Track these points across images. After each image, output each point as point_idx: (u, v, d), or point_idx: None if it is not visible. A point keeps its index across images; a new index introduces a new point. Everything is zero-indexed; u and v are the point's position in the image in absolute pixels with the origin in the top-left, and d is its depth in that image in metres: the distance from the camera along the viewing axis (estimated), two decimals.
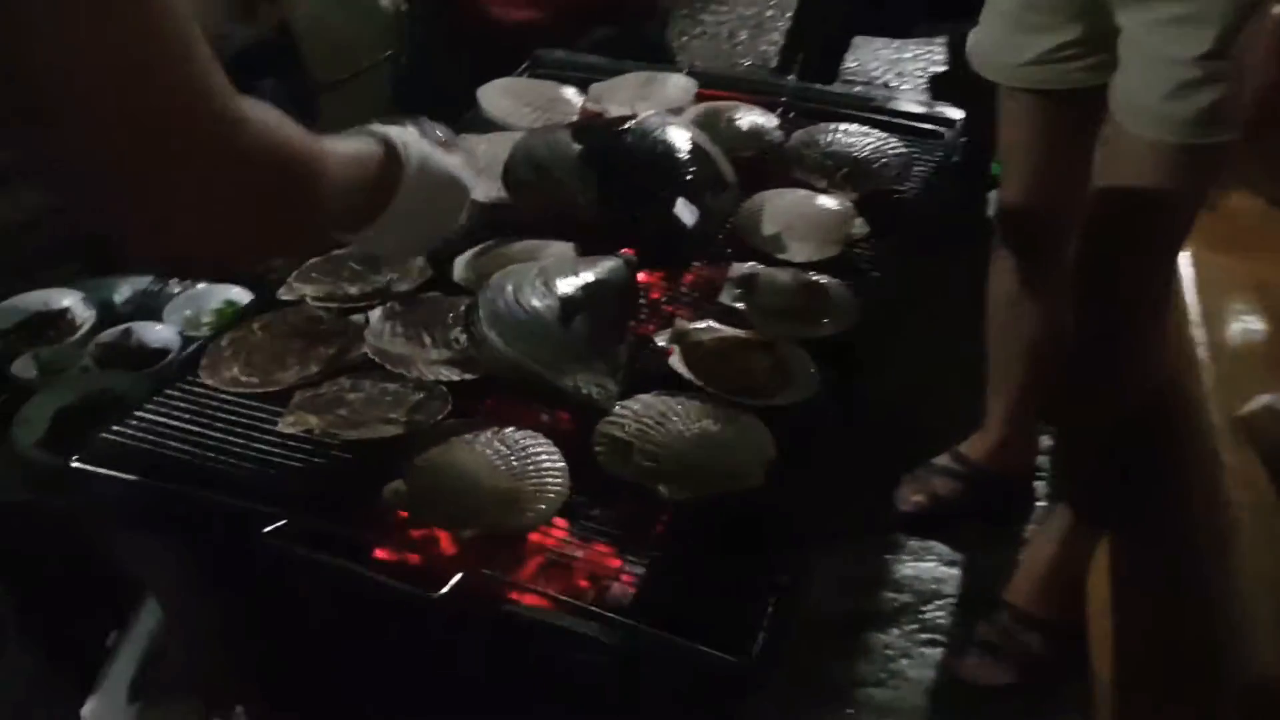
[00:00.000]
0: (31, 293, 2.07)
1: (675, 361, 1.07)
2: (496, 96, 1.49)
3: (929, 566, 2.07)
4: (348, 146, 0.86)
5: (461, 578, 0.85)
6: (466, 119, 1.49)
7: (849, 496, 1.92)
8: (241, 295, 2.09)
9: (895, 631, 1.96)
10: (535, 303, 1.03)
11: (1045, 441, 2.22)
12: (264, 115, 0.68)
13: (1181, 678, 1.54)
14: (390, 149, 0.90)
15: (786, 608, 0.87)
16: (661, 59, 2.40)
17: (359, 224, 0.88)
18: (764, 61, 3.79)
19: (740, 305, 1.18)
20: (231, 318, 2.00)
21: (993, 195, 2.63)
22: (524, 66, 1.65)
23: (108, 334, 1.95)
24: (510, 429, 1.00)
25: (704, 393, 1.04)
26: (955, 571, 2.06)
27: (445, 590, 0.83)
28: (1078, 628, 1.81)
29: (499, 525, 0.93)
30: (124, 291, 2.18)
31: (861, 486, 2.02)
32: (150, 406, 1.04)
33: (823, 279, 1.22)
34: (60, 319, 2.03)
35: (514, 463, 0.96)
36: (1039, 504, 2.18)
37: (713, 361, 1.08)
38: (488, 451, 0.97)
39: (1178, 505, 1.66)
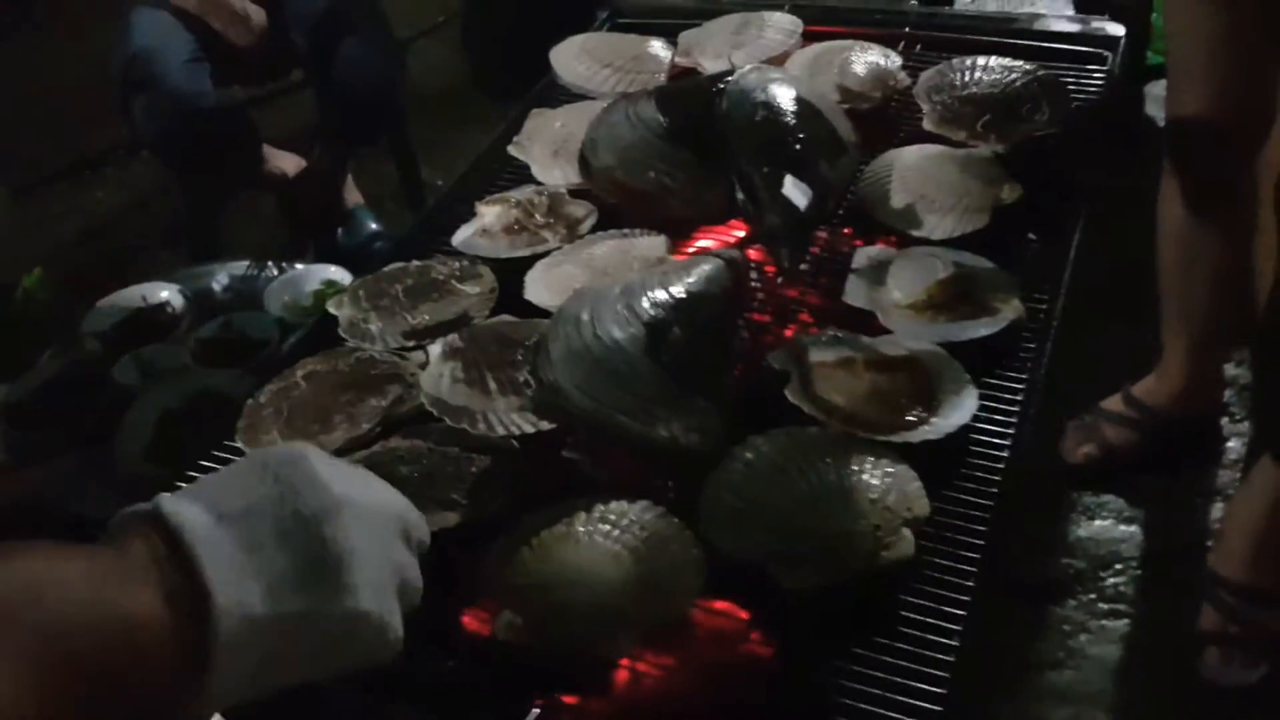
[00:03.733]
0: (129, 288, 2.05)
1: (793, 391, 0.88)
2: (571, 60, 1.32)
3: (1104, 526, 1.88)
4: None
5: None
6: (538, 90, 1.32)
7: None
8: (341, 274, 2.03)
9: (1071, 603, 1.78)
10: (617, 333, 0.85)
11: (1232, 371, 1.99)
12: None
13: None
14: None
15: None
16: None
17: None
18: None
19: (868, 304, 0.98)
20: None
21: (1150, 89, 2.38)
22: (604, 18, 1.46)
23: (207, 328, 1.92)
24: (612, 502, 0.83)
25: (832, 431, 0.86)
26: (1134, 530, 1.88)
27: None
28: None
29: (651, 620, 0.77)
30: (222, 279, 2.14)
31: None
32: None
33: (971, 261, 1.02)
34: (159, 314, 2.00)
35: (632, 541, 0.80)
36: (1228, 447, 1.96)
37: (841, 386, 0.89)
38: (597, 538, 0.80)
39: None
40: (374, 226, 2.49)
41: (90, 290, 2.07)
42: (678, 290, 0.90)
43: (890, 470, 0.83)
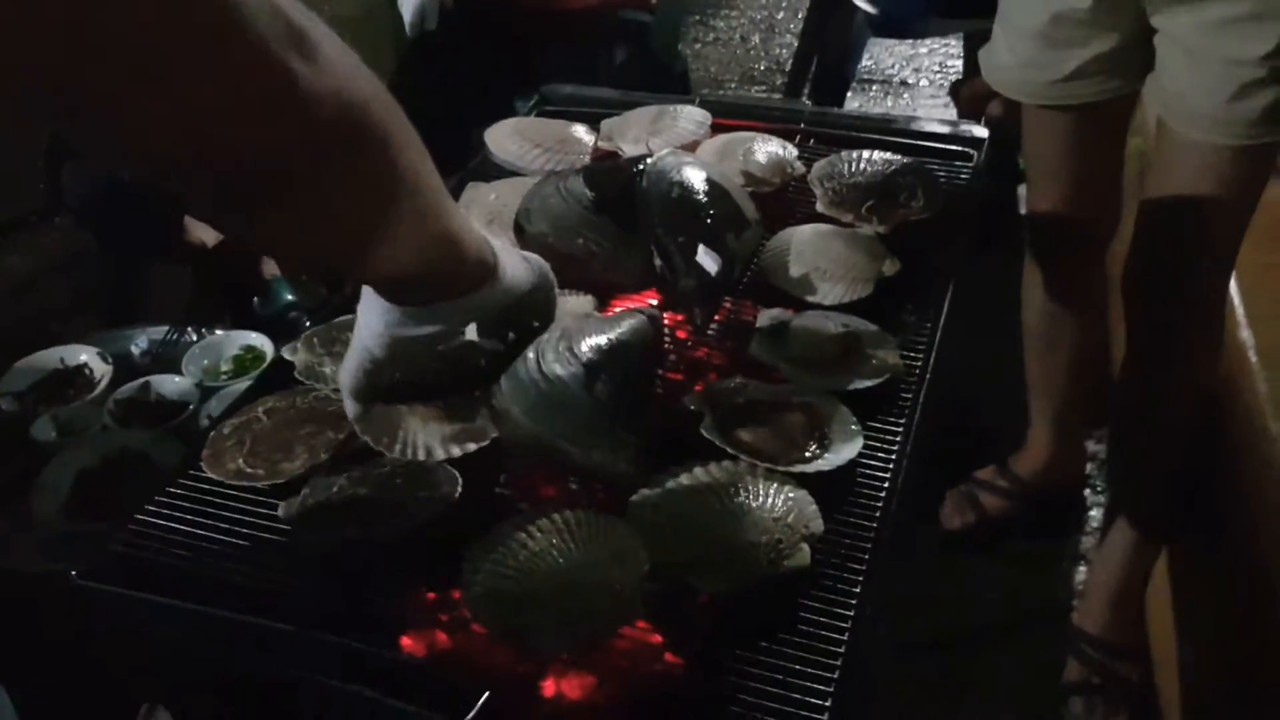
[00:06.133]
0: (48, 350, 2.05)
1: (707, 428, 1.00)
2: (504, 139, 1.43)
3: (977, 586, 2.01)
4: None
5: (489, 697, 0.79)
6: (473, 166, 1.44)
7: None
8: (262, 340, 2.07)
9: (948, 661, 1.90)
10: (559, 370, 0.96)
11: (1093, 447, 2.16)
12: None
13: (1248, 696, 1.48)
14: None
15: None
16: (674, 72, 2.36)
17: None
18: (778, 65, 3.73)
19: (770, 358, 1.11)
20: (251, 365, 1.99)
21: (1022, 190, 2.60)
22: (532, 104, 1.59)
23: (125, 389, 1.92)
24: (560, 512, 0.93)
25: (740, 462, 0.97)
26: (1005, 590, 2.00)
27: (472, 715, 0.77)
28: (1146, 648, 1.76)
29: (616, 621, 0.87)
30: (141, 343, 2.16)
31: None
32: (151, 507, 0.99)
33: (858, 323, 1.15)
34: (78, 375, 2.01)
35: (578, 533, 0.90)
36: (1090, 514, 2.12)
37: (747, 424, 1.02)
38: (549, 537, 0.90)
39: (1234, 516, 1.61)
40: (289, 297, 2.53)
41: (6, 352, 2.07)
42: (609, 338, 1.01)
43: (791, 495, 0.94)
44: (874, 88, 3.58)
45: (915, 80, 3.61)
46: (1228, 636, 1.58)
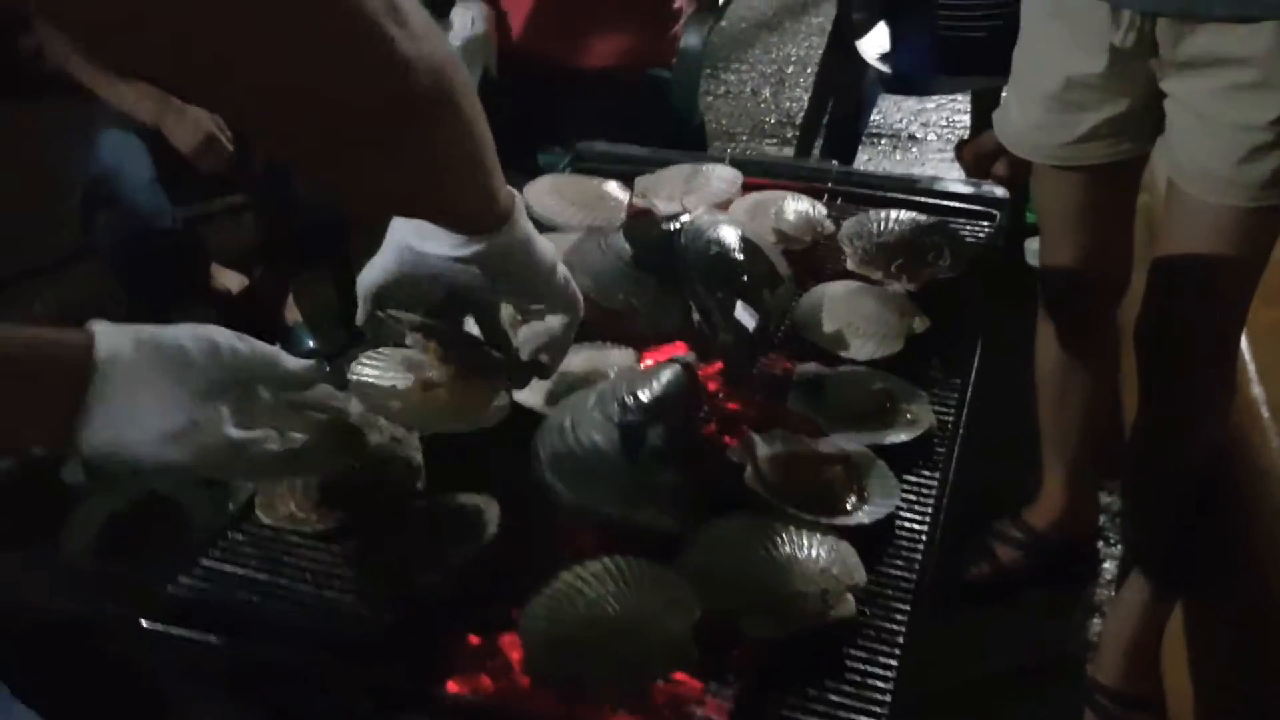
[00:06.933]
0: None
1: (750, 479, 1.03)
2: (543, 195, 1.47)
3: (993, 637, 2.02)
4: None
5: None
6: None
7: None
8: None
9: (965, 712, 1.91)
10: (596, 437, 1.00)
11: (1105, 499, 2.19)
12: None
13: None
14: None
15: None
16: (692, 125, 2.41)
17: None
18: (788, 118, 3.80)
19: (808, 411, 1.14)
20: None
21: (1029, 243, 2.64)
22: (566, 161, 1.64)
23: None
24: (611, 558, 0.95)
25: (783, 513, 1.01)
26: (1021, 640, 2.02)
27: None
28: (1162, 700, 1.77)
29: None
30: None
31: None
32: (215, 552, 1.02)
33: (891, 379, 1.19)
34: None
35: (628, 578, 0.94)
36: (1104, 565, 2.14)
37: (788, 476, 1.05)
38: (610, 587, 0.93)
39: (1248, 569, 1.63)
40: (311, 344, 2.58)
41: None
42: (644, 393, 1.04)
43: (834, 546, 0.97)
44: (883, 141, 3.64)
45: (923, 135, 3.68)
46: (1242, 689, 1.59)
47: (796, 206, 1.44)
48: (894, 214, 1.42)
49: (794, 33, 4.52)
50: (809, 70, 3.60)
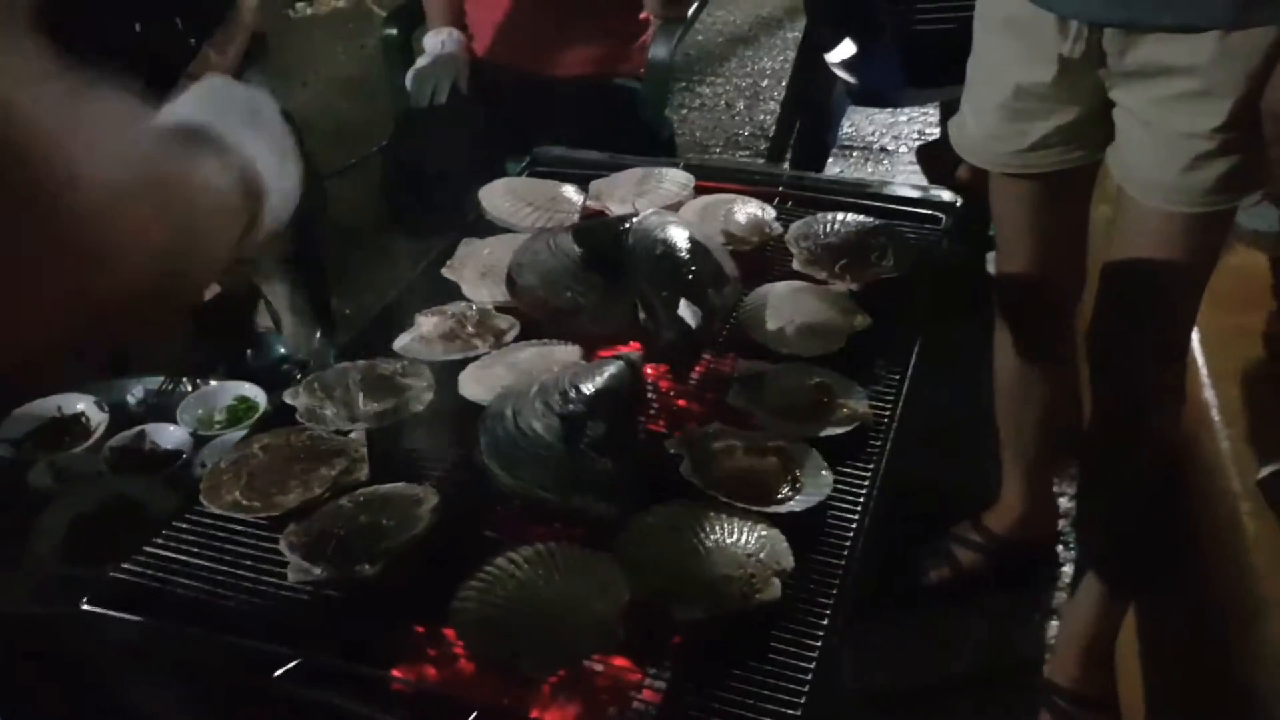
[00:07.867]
0: (45, 398, 2.09)
1: (686, 470, 1.06)
2: (498, 198, 1.50)
3: (955, 639, 2.04)
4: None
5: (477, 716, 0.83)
6: (470, 221, 1.50)
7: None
8: (255, 392, 2.11)
9: (921, 714, 1.93)
10: (535, 425, 1.03)
11: (1065, 505, 2.21)
12: None
13: None
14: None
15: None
16: (662, 137, 2.44)
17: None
18: (762, 130, 3.83)
19: (747, 405, 1.17)
20: (244, 415, 2.04)
21: (991, 255, 2.67)
22: (523, 165, 1.66)
23: (120, 437, 1.95)
24: (545, 543, 0.98)
25: (717, 502, 1.03)
26: (979, 643, 2.04)
27: None
28: (1116, 699, 1.79)
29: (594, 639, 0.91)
30: (137, 393, 2.19)
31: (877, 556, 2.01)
32: (159, 540, 1.04)
33: (830, 375, 1.22)
34: (74, 423, 2.04)
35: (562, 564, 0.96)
36: (1062, 569, 2.16)
37: (724, 467, 1.07)
38: (540, 570, 0.95)
39: (1199, 571, 1.66)
40: (282, 350, 2.59)
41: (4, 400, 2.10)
42: (586, 386, 1.08)
43: (763, 533, 1.00)
44: (855, 153, 3.68)
45: (895, 147, 3.72)
46: (1192, 688, 1.62)
47: (746, 209, 1.47)
48: (841, 216, 1.45)
49: (769, 46, 4.56)
50: (783, 84, 3.63)
